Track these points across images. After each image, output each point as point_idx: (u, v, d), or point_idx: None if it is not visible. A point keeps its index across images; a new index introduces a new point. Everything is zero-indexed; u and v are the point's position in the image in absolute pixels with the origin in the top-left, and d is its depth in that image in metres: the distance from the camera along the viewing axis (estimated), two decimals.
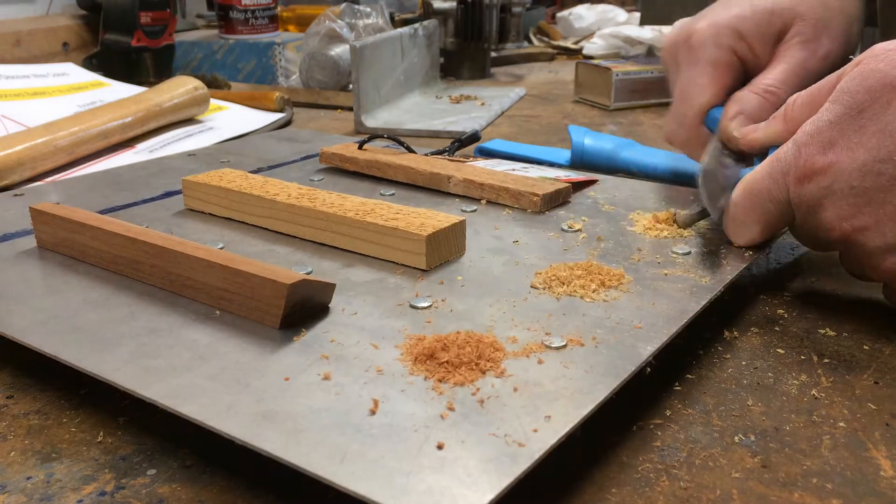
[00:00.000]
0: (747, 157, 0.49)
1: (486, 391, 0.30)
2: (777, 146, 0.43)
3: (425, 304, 0.38)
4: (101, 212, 0.52)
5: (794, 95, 0.43)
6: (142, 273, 0.41)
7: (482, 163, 0.62)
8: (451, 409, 0.29)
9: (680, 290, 0.40)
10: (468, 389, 0.30)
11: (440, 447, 0.27)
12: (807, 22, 0.50)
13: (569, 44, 1.55)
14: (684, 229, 0.48)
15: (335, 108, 1.03)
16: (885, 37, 0.41)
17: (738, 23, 0.51)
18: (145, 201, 0.56)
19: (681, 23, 0.54)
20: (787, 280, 0.48)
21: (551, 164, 0.68)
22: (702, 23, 0.52)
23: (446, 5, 1.22)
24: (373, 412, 0.29)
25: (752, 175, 0.43)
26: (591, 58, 1.31)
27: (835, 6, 0.50)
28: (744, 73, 0.52)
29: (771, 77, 0.49)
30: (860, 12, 0.52)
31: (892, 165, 0.37)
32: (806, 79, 0.49)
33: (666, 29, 1.25)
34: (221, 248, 0.44)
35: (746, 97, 0.49)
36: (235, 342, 0.34)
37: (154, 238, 0.40)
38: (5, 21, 1.15)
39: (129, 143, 0.78)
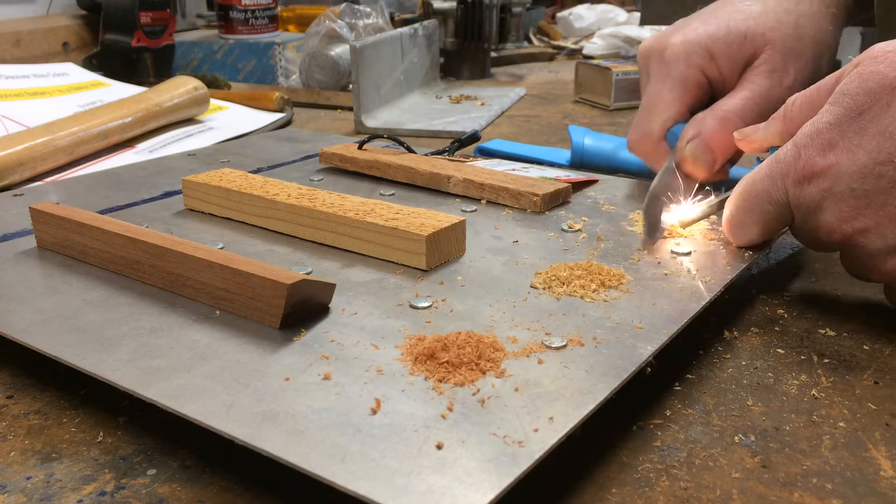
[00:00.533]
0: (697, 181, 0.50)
1: (487, 391, 0.30)
2: (776, 147, 0.43)
3: (425, 305, 0.38)
4: (101, 212, 0.52)
5: (794, 96, 0.43)
6: (142, 273, 0.41)
7: (482, 163, 0.62)
8: (451, 409, 0.29)
9: (680, 290, 0.40)
10: (468, 389, 0.30)
11: (440, 447, 0.27)
12: (776, 51, 0.50)
13: (569, 44, 1.55)
14: (685, 228, 0.48)
15: (335, 108, 1.03)
16: (884, 37, 0.41)
17: (711, 43, 0.51)
18: (145, 201, 0.56)
19: (658, 33, 0.55)
20: (787, 280, 0.48)
21: (551, 164, 0.68)
22: (677, 37, 0.52)
23: (446, 5, 1.22)
24: (374, 411, 0.29)
25: (752, 176, 0.43)
26: (591, 58, 1.31)
27: (808, 37, 0.51)
28: (710, 92, 0.53)
29: (732, 103, 0.50)
30: (834, 42, 0.52)
31: (893, 167, 0.37)
32: (767, 108, 0.49)
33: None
34: (221, 248, 0.44)
35: (706, 121, 0.49)
36: (235, 342, 0.34)
37: (154, 238, 0.40)
38: (5, 21, 1.15)
39: (129, 143, 0.78)
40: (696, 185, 0.50)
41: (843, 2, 0.53)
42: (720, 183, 0.53)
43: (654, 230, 0.47)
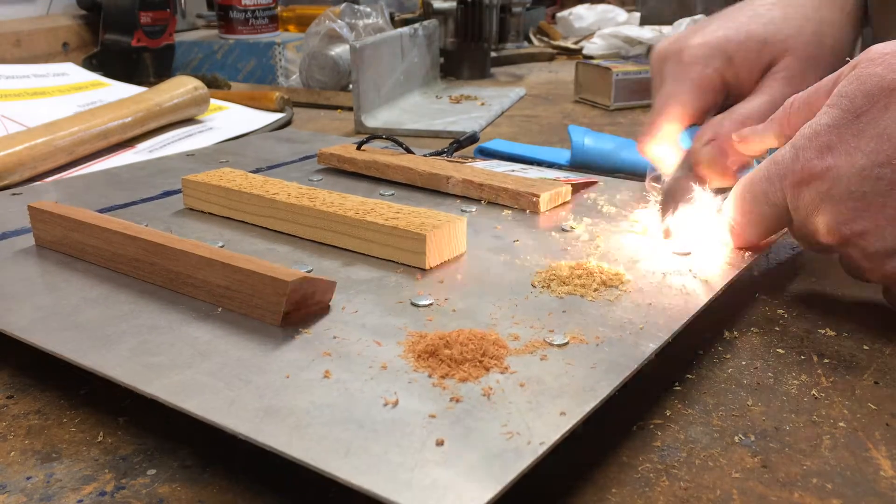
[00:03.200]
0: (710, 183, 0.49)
1: (490, 387, 0.30)
2: (774, 149, 0.43)
3: (426, 303, 0.38)
4: (100, 211, 0.52)
5: (792, 98, 0.43)
6: (141, 271, 0.41)
7: (481, 164, 0.62)
8: (454, 404, 0.29)
9: (680, 290, 0.40)
10: (472, 385, 0.30)
11: (443, 443, 0.27)
12: (796, 58, 0.50)
13: (569, 44, 1.55)
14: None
15: (335, 108, 1.03)
16: (879, 38, 0.41)
17: (730, 46, 0.51)
18: (144, 200, 0.56)
19: (675, 35, 0.54)
20: (787, 280, 0.48)
21: (551, 165, 0.68)
22: (695, 39, 0.52)
23: (446, 5, 1.22)
24: (391, 404, 0.29)
25: (750, 177, 0.43)
26: (591, 58, 1.31)
27: (828, 45, 0.50)
28: (725, 97, 0.52)
29: (749, 107, 0.49)
30: (852, 49, 0.52)
31: (891, 169, 0.37)
32: None
33: (666, 29, 1.25)
34: (221, 247, 0.44)
35: (723, 125, 0.49)
36: (236, 339, 0.34)
37: (153, 236, 0.40)
38: (5, 21, 1.15)
39: (129, 143, 0.78)
40: (709, 187, 0.49)
41: (859, 7, 0.53)
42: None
43: (664, 215, 0.46)
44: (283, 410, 0.29)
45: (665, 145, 0.53)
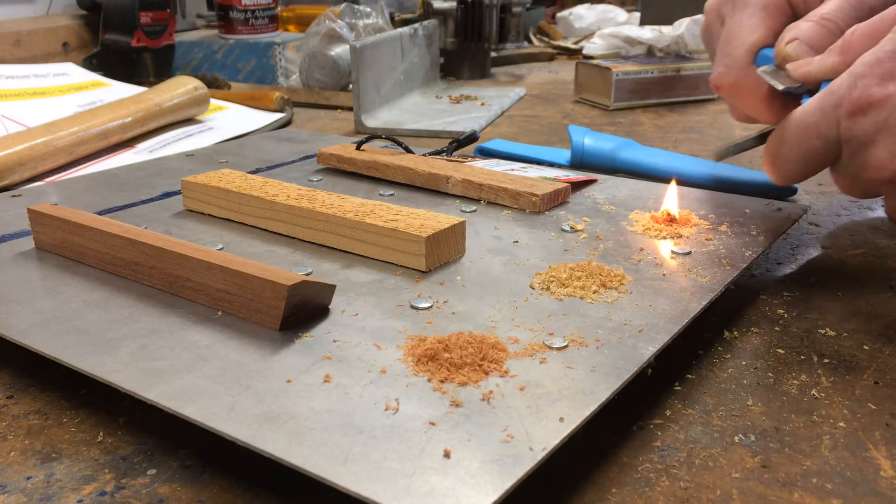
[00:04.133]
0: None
1: (490, 391, 0.30)
2: (830, 80, 0.41)
3: (426, 305, 0.38)
4: (100, 212, 0.52)
5: (853, 27, 0.41)
6: (141, 274, 0.41)
7: (481, 163, 0.62)
8: (454, 408, 0.29)
9: (680, 290, 0.40)
10: (471, 390, 0.30)
11: (444, 449, 0.27)
12: None
13: (569, 44, 1.55)
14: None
15: (335, 108, 1.03)
16: None
17: None
18: (144, 202, 0.56)
19: None
20: (787, 280, 0.48)
21: (551, 165, 0.68)
22: None
23: (446, 5, 1.22)
24: (392, 409, 0.29)
25: (801, 109, 0.41)
26: (591, 58, 1.31)
27: None
28: (794, 19, 0.48)
29: (827, 8, 0.46)
30: None
31: None
32: (862, 12, 0.45)
33: (666, 29, 1.25)
34: (221, 249, 0.44)
35: (802, 24, 0.46)
36: (236, 343, 0.34)
37: (153, 239, 0.40)
38: (5, 21, 1.15)
39: (129, 143, 0.78)
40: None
41: None
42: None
43: (783, 81, 0.44)
44: (283, 416, 0.29)
45: (740, 71, 0.48)
